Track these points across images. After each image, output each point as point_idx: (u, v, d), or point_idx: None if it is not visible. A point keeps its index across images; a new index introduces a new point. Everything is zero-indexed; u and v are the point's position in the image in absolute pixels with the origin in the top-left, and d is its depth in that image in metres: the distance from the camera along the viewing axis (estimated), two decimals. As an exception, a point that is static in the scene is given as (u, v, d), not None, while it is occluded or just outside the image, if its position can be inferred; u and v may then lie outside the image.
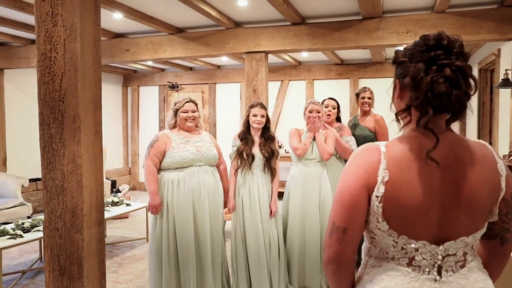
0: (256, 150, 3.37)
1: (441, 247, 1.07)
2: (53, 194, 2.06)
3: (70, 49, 1.99)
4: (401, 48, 1.17)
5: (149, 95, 9.04)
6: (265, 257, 3.32)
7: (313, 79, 7.92)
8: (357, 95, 4.25)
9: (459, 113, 1.04)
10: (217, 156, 3.34)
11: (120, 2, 4.25)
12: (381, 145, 1.10)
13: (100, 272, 2.15)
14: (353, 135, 4.02)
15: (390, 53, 6.85)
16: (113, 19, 4.79)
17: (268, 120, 3.45)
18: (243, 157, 3.35)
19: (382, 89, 4.35)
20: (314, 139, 3.52)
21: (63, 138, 2.03)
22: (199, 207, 3.15)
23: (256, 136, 3.43)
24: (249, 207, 3.35)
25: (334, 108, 3.93)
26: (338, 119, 4.04)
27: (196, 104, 3.31)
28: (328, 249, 1.13)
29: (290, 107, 8.03)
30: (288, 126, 7.63)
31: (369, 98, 4.11)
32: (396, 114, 1.13)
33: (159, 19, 4.88)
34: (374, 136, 4.00)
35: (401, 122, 1.13)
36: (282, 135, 7.68)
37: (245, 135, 3.41)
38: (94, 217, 2.11)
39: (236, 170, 3.40)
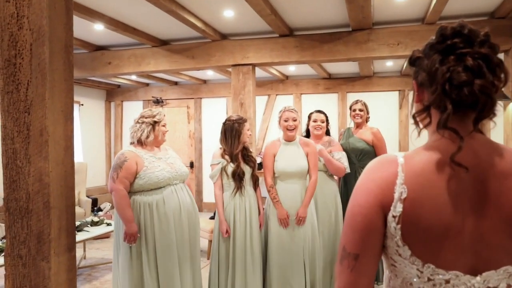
0: (243, 165, 3.19)
1: (478, 278, 0.88)
2: (16, 217, 1.83)
3: (37, 54, 1.79)
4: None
5: (133, 110, 8.77)
6: (255, 280, 3.14)
7: (301, 94, 7.80)
8: (350, 108, 4.10)
9: (485, 107, 0.87)
10: (188, 172, 3.12)
11: (100, 12, 4.07)
12: (399, 156, 0.94)
13: (70, 304, 1.92)
14: (347, 148, 3.85)
15: (378, 67, 6.77)
16: (94, 30, 4.60)
17: None
18: (236, 178, 3.14)
19: (370, 104, 4.27)
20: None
21: (29, 153, 1.81)
22: (179, 229, 2.88)
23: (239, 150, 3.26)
24: (242, 229, 3.14)
25: (323, 122, 3.76)
26: (327, 132, 3.87)
27: None
28: (339, 277, 0.95)
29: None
30: (276, 141, 7.50)
31: (360, 110, 3.96)
32: (414, 116, 0.96)
33: (142, 30, 4.70)
34: (372, 149, 3.83)
35: (420, 125, 0.97)
36: (269, 150, 7.51)
37: (236, 155, 3.21)
38: (64, 242, 1.89)
39: (221, 190, 3.20)
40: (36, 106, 1.80)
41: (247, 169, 3.20)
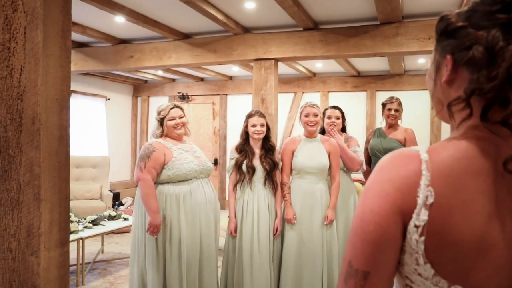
0: (256, 162, 3.07)
1: None
2: (7, 209, 1.75)
3: (30, 38, 1.70)
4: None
5: (159, 106, 8.79)
6: (261, 280, 3.00)
7: (328, 91, 7.57)
8: (384, 105, 3.82)
9: None
10: (213, 168, 3.11)
11: (120, 4, 4.01)
12: (421, 150, 0.74)
13: (61, 302, 1.83)
14: (380, 149, 3.63)
15: (409, 64, 6.47)
16: (116, 23, 4.56)
17: (268, 129, 3.14)
18: (242, 170, 3.04)
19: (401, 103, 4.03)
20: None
21: (21, 142, 1.73)
22: (205, 223, 2.88)
23: (256, 148, 3.12)
24: (247, 226, 3.02)
25: (338, 119, 3.54)
26: (343, 129, 3.66)
27: (182, 109, 3.04)
28: None
29: (304, 120, 7.68)
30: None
31: (396, 110, 3.68)
32: (449, 106, 0.76)
33: (164, 23, 4.63)
34: None
35: (455, 118, 0.78)
36: (294, 149, 7.34)
37: (244, 147, 3.10)
38: (55, 237, 1.80)
39: (235, 186, 3.09)
40: (29, 92, 1.72)
41: (259, 168, 3.08)
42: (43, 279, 1.74)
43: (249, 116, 3.15)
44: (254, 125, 3.09)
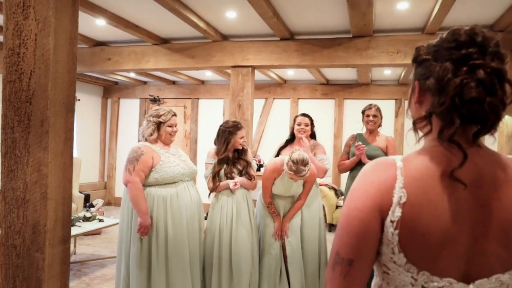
0: (231, 168, 3.25)
1: (471, 286, 0.88)
2: (12, 207, 1.83)
3: (41, 45, 1.79)
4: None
5: (129, 107, 8.78)
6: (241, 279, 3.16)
7: (298, 98, 7.82)
8: (363, 112, 3.94)
9: (491, 125, 0.87)
10: (197, 170, 3.21)
11: (103, 7, 4.06)
12: (397, 159, 0.93)
13: (63, 297, 1.91)
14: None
15: (376, 74, 6.82)
16: (95, 25, 4.59)
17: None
18: (220, 176, 3.19)
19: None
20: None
21: (28, 143, 1.81)
22: (191, 225, 2.97)
23: (230, 152, 3.27)
24: (228, 229, 3.16)
25: (307, 125, 3.71)
26: (313, 136, 3.85)
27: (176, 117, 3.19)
28: (330, 284, 0.92)
29: (274, 126, 7.91)
30: (271, 144, 7.47)
31: (374, 115, 3.83)
32: (414, 123, 0.96)
33: (144, 28, 4.70)
34: None
35: (419, 132, 0.97)
36: (264, 153, 7.53)
37: (226, 156, 3.25)
38: (59, 234, 1.88)
39: (213, 190, 3.23)
40: (38, 96, 1.80)
41: (235, 170, 3.24)
42: (47, 274, 1.82)
43: (238, 129, 3.26)
44: (242, 137, 3.28)
